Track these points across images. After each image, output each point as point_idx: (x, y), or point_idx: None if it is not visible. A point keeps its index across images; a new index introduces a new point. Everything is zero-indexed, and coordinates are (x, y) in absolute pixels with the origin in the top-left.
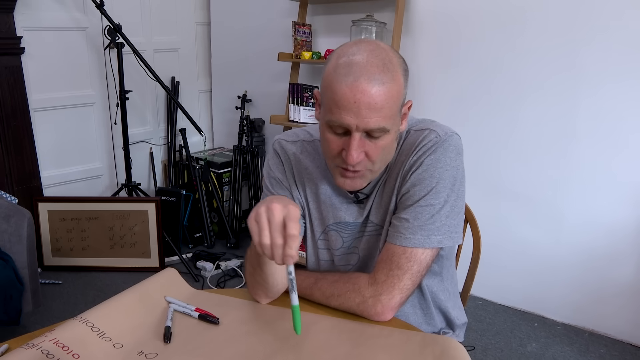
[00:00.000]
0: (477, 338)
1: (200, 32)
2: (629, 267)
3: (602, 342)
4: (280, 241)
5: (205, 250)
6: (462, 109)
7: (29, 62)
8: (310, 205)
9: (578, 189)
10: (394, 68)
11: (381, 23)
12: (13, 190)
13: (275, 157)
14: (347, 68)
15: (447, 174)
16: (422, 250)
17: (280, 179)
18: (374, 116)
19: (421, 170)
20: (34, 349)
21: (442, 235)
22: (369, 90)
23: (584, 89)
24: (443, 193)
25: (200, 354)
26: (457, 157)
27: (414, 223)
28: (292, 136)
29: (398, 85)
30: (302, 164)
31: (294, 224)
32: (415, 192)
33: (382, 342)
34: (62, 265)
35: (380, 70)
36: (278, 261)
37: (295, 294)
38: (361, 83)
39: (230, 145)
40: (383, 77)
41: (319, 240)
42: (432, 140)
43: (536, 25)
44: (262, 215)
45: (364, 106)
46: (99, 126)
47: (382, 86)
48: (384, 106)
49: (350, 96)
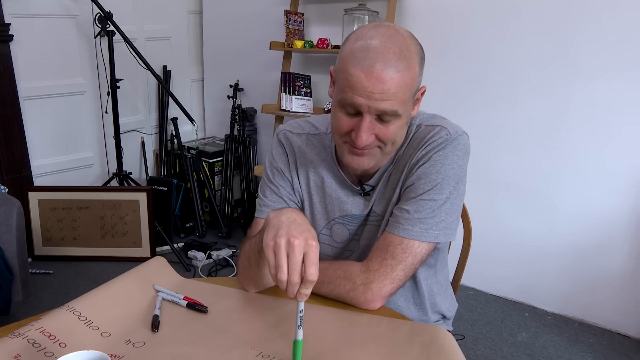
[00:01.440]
0: (468, 328)
1: (192, 21)
2: (619, 257)
3: (591, 331)
4: (297, 280)
5: (197, 240)
6: (454, 99)
7: (18, 49)
8: (313, 199)
9: (570, 179)
10: (411, 55)
11: (374, 12)
12: (3, 180)
13: (279, 147)
14: (364, 52)
15: (452, 172)
16: (419, 243)
17: (282, 170)
18: (386, 100)
19: (428, 165)
20: (20, 338)
21: (439, 230)
22: (383, 77)
23: (578, 80)
24: (446, 190)
25: (188, 343)
26: (464, 157)
27: (415, 215)
28: (297, 128)
29: (413, 73)
30: (308, 157)
31: (314, 269)
32: (419, 186)
33: (371, 331)
34: (52, 255)
35: (396, 58)
36: (291, 296)
37: (301, 331)
38: (376, 69)
39: (222, 135)
40: (399, 65)
41: (321, 234)
42: (442, 137)
43: (529, 15)
44: (281, 249)
45: (377, 91)
46: (89, 115)
47: (397, 73)
48: (397, 92)
49: (365, 80)
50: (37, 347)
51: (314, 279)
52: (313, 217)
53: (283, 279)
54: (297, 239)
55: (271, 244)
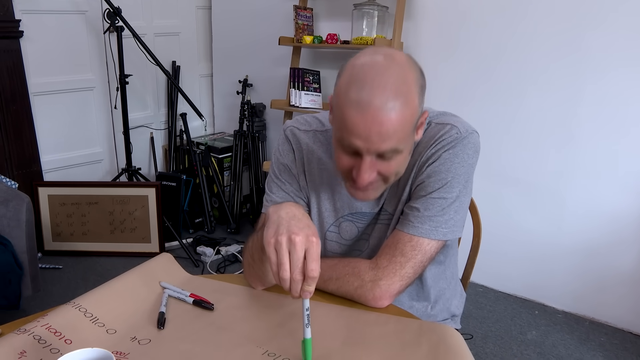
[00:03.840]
0: (477, 325)
1: (201, 16)
2: (630, 255)
3: (602, 330)
4: (300, 277)
5: (206, 236)
6: (464, 94)
7: (28, 45)
8: (321, 196)
9: (580, 176)
10: (408, 89)
11: (383, 7)
12: (13, 175)
13: (286, 144)
14: (358, 92)
15: (462, 170)
16: (428, 240)
17: (289, 166)
18: (386, 141)
19: (438, 163)
20: (26, 335)
21: (448, 228)
22: (380, 119)
23: (588, 75)
24: (456, 188)
25: (193, 340)
26: (474, 156)
27: (424, 213)
28: (305, 125)
29: (412, 108)
30: (315, 155)
31: (315, 264)
32: (429, 184)
33: (378, 330)
34: (62, 250)
35: (393, 95)
36: (295, 295)
37: (309, 329)
38: (372, 111)
39: (231, 130)
40: (396, 104)
41: (328, 231)
42: (452, 136)
43: (540, 9)
44: (282, 246)
45: (374, 134)
46: (99, 111)
47: (395, 113)
48: (396, 131)
49: (361, 124)
50: (43, 343)
51: (316, 274)
52: (320, 214)
53: (286, 277)
54: (298, 236)
55: (272, 241)
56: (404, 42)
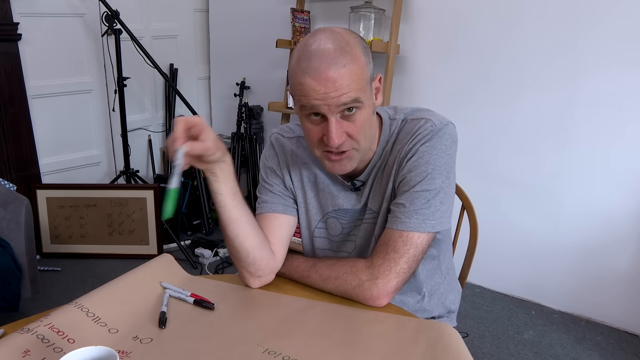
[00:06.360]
0: (474, 325)
1: (199, 19)
2: (626, 255)
3: (598, 330)
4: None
5: (204, 237)
6: (460, 96)
7: (26, 48)
8: (307, 194)
9: (576, 177)
10: (352, 49)
11: (380, 10)
12: (11, 178)
13: (271, 149)
14: (307, 60)
15: (442, 161)
16: (418, 234)
17: (274, 169)
18: (343, 94)
19: (417, 157)
20: (29, 334)
21: (435, 220)
22: (331, 75)
23: (584, 77)
24: (438, 180)
25: (195, 339)
26: (452, 146)
27: (410, 207)
28: (289, 132)
29: (359, 62)
30: (299, 158)
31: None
32: (411, 178)
33: (376, 328)
34: (60, 252)
35: (338, 54)
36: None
37: (176, 178)
38: (323, 70)
39: (229, 133)
40: (343, 60)
41: (316, 228)
42: (427, 129)
43: (535, 12)
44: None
45: (330, 89)
46: (97, 113)
47: (344, 68)
48: (350, 84)
49: (316, 84)
50: (46, 342)
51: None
52: (308, 212)
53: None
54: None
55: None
56: (401, 44)
